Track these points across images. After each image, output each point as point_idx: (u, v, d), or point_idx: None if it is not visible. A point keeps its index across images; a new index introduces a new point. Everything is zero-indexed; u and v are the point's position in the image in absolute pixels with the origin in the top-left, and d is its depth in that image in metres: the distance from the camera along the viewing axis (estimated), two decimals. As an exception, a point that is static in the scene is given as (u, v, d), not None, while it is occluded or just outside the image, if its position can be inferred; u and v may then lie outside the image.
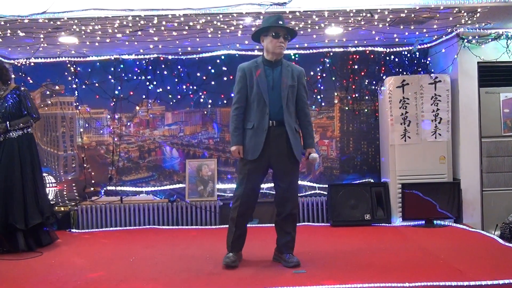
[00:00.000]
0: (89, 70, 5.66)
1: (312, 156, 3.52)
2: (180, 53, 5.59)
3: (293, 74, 3.51)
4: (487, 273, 3.16)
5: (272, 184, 3.73)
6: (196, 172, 5.61)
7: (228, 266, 3.48)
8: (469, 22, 4.59)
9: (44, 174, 5.03)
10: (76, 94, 5.68)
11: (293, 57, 5.61)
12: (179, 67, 5.65)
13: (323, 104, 5.71)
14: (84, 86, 5.68)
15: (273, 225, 3.67)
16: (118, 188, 5.67)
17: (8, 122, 4.26)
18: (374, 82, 5.63)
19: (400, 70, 5.24)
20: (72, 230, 5.21)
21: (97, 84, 5.67)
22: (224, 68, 5.59)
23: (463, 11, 4.29)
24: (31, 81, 5.56)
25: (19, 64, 5.53)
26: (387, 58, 5.53)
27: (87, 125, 5.73)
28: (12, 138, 4.30)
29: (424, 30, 4.89)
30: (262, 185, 3.88)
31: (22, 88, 4.47)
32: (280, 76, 3.48)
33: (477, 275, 3.13)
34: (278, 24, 3.43)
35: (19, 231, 4.17)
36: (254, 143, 3.46)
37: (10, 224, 4.14)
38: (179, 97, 5.69)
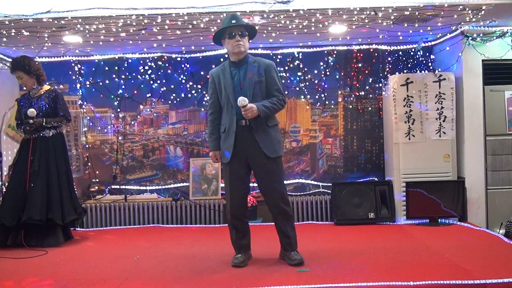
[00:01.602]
0: (93, 69, 5.68)
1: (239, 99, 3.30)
2: (184, 52, 5.60)
3: (259, 69, 3.46)
4: (492, 272, 3.15)
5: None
6: (200, 171, 5.62)
7: (236, 266, 3.49)
8: (474, 19, 4.57)
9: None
10: (80, 93, 5.70)
11: (296, 55, 5.61)
12: (183, 65, 5.66)
13: (327, 102, 5.71)
14: (88, 85, 5.70)
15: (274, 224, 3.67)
16: (122, 186, 5.69)
17: (44, 119, 4.44)
18: (378, 80, 5.62)
19: (404, 68, 5.22)
20: (76, 228, 5.23)
21: (101, 83, 5.69)
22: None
23: (467, 9, 4.27)
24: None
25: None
26: (391, 56, 5.52)
27: (91, 124, 5.75)
28: (47, 136, 4.50)
29: (429, 28, 4.88)
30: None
31: (58, 90, 4.73)
32: (245, 74, 3.46)
33: (482, 273, 3.12)
34: (231, 24, 3.41)
35: (57, 226, 4.39)
36: (226, 146, 3.47)
37: (49, 219, 4.34)
38: (183, 95, 5.71)
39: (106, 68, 5.67)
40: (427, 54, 5.32)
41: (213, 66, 5.56)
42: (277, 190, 3.47)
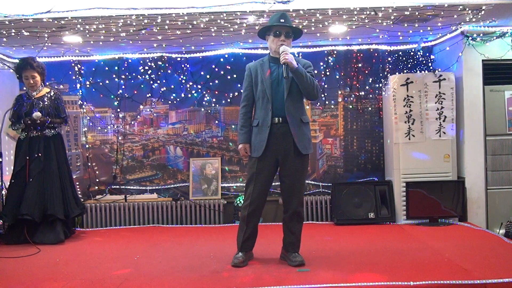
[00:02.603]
0: (93, 69, 5.68)
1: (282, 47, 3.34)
2: (184, 52, 5.59)
3: (299, 65, 3.46)
4: (492, 272, 3.15)
5: (276, 183, 3.72)
6: (200, 171, 5.62)
7: (236, 266, 3.49)
8: (474, 19, 4.57)
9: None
10: (80, 93, 5.70)
11: (296, 55, 5.60)
12: (183, 65, 5.66)
13: (327, 102, 5.71)
14: (88, 85, 5.70)
15: (277, 223, 3.68)
16: (122, 186, 5.69)
17: (49, 118, 4.56)
18: (378, 80, 5.62)
19: (404, 68, 5.23)
20: (76, 228, 5.22)
21: (101, 83, 5.69)
22: (228, 67, 5.60)
23: (467, 9, 4.27)
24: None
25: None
26: (391, 56, 5.52)
27: (91, 124, 5.75)
28: (48, 136, 4.62)
29: (429, 28, 4.88)
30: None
31: (58, 92, 4.84)
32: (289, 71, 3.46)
33: (482, 273, 3.12)
34: (280, 22, 3.43)
35: (59, 221, 4.50)
36: (258, 140, 3.47)
37: (50, 215, 4.44)
38: (183, 95, 5.70)
39: (106, 68, 5.67)
40: (427, 54, 5.32)
41: (213, 66, 5.62)
42: (298, 191, 3.51)
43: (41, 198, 4.46)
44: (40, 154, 4.53)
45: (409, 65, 5.20)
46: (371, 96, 5.67)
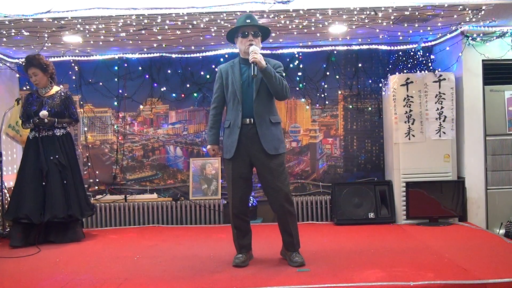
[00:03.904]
0: (93, 69, 5.67)
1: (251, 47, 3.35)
2: (184, 52, 5.59)
3: (268, 65, 3.44)
4: (492, 272, 3.15)
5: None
6: (200, 171, 5.62)
7: (237, 266, 3.49)
8: (474, 19, 4.57)
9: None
10: (80, 93, 5.70)
11: (296, 55, 5.61)
12: (182, 65, 5.66)
13: (327, 102, 5.71)
14: (88, 85, 5.69)
15: (276, 223, 3.67)
16: (122, 187, 5.69)
17: (56, 119, 4.52)
18: (378, 81, 5.61)
19: (404, 68, 5.23)
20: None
21: (101, 83, 5.69)
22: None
23: (467, 9, 4.27)
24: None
25: (23, 64, 5.53)
26: (391, 56, 5.52)
27: (91, 124, 5.75)
28: (57, 135, 4.59)
29: (428, 28, 4.88)
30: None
31: (69, 93, 4.79)
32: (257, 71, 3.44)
33: (482, 273, 3.12)
34: (246, 23, 3.43)
35: (77, 221, 4.61)
36: (230, 141, 3.49)
37: (70, 215, 4.46)
38: (183, 95, 5.70)
39: (106, 68, 5.67)
40: (427, 54, 5.32)
41: (213, 66, 5.62)
42: (281, 190, 3.44)
43: (63, 199, 4.45)
44: (57, 156, 4.49)
45: (409, 65, 5.20)
46: (371, 96, 5.67)
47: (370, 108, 5.68)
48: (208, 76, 5.65)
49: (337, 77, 5.67)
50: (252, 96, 3.45)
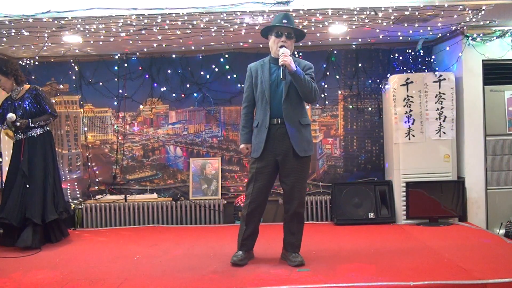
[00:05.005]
0: (93, 69, 5.67)
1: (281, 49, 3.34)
2: (184, 52, 5.59)
3: (298, 68, 3.47)
4: (492, 272, 3.15)
5: (278, 183, 3.72)
6: (200, 171, 5.62)
7: (235, 264, 3.50)
8: (474, 19, 4.56)
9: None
10: (80, 93, 5.70)
11: (296, 55, 5.60)
12: (182, 65, 5.66)
13: (327, 102, 5.71)
14: (88, 85, 5.69)
15: (277, 223, 3.68)
16: (122, 186, 5.69)
17: (30, 119, 4.39)
18: (378, 80, 5.61)
19: (404, 68, 5.23)
20: (76, 228, 5.23)
21: (101, 83, 5.68)
22: (228, 67, 5.60)
23: (467, 9, 4.27)
24: (36, 80, 5.57)
25: (23, 64, 5.54)
26: (391, 56, 5.52)
27: (91, 123, 5.74)
28: (34, 136, 4.44)
29: (429, 28, 4.88)
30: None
31: (38, 88, 4.61)
32: (287, 73, 3.45)
33: (482, 273, 3.12)
34: (282, 23, 3.43)
35: (36, 226, 4.25)
36: (258, 141, 3.49)
37: (27, 219, 4.23)
38: (183, 95, 5.70)
39: (106, 68, 5.67)
40: (427, 54, 5.32)
41: (213, 66, 5.62)
42: (298, 192, 3.49)
43: (22, 202, 4.27)
44: (22, 159, 4.33)
45: (409, 65, 5.20)
46: (371, 96, 5.67)
47: (370, 108, 5.68)
48: (208, 76, 5.65)
49: (337, 77, 5.67)
50: (280, 96, 3.44)
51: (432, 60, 5.31)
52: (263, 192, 3.53)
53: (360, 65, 5.65)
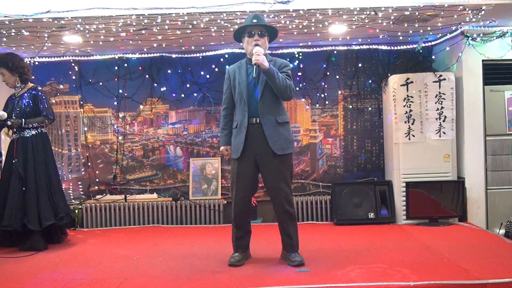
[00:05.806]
0: (93, 69, 5.67)
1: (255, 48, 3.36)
2: (184, 52, 5.59)
3: (274, 67, 3.44)
4: (492, 272, 3.15)
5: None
6: (200, 171, 5.62)
7: (233, 265, 3.50)
8: (474, 19, 4.56)
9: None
10: (80, 93, 5.70)
11: (296, 55, 5.60)
12: (182, 65, 5.66)
13: (327, 102, 5.71)
14: (88, 85, 5.69)
15: (276, 223, 3.67)
16: (122, 186, 5.69)
17: (23, 119, 4.30)
18: (378, 81, 5.61)
19: (404, 68, 5.23)
20: (76, 228, 5.23)
21: (101, 83, 5.69)
22: (228, 67, 5.58)
23: (467, 9, 4.27)
24: (36, 80, 5.57)
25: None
26: (391, 56, 5.52)
27: (91, 124, 5.75)
28: (26, 137, 4.34)
29: (428, 28, 4.87)
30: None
31: (39, 88, 4.50)
32: (261, 72, 3.43)
33: (482, 273, 3.12)
34: (252, 23, 3.44)
35: (33, 231, 4.17)
36: (237, 141, 3.50)
37: (24, 225, 4.15)
38: (183, 95, 5.70)
39: (106, 68, 5.67)
40: (427, 54, 5.32)
41: (213, 66, 5.62)
42: (283, 191, 3.46)
43: (22, 205, 4.18)
44: (15, 161, 4.23)
45: (409, 65, 5.20)
46: (371, 96, 5.67)
47: (370, 108, 5.68)
48: (208, 76, 5.65)
49: (337, 77, 5.67)
50: (257, 96, 3.45)
51: (432, 60, 5.31)
52: (247, 193, 3.54)
53: (360, 65, 5.65)
